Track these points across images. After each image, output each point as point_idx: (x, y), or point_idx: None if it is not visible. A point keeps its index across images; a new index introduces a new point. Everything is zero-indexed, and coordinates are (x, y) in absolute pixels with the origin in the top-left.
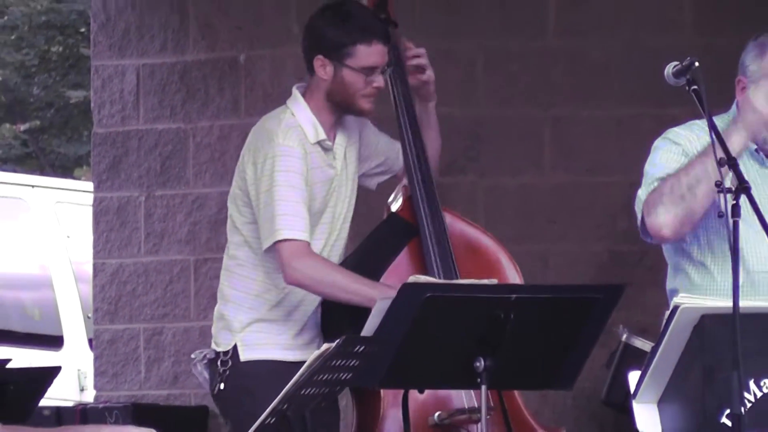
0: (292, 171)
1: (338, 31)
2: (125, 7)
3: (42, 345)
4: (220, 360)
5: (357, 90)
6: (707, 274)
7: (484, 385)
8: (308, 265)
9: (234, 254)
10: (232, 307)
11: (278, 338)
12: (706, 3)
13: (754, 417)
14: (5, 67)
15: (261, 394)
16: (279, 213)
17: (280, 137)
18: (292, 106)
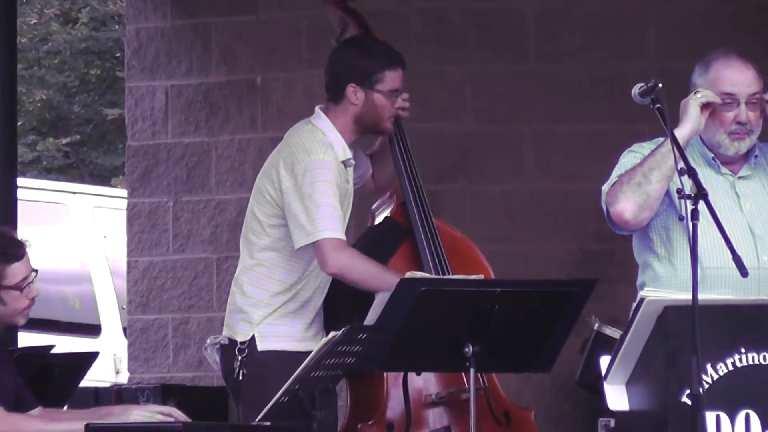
0: (330, 182)
1: (367, 61)
2: (155, 35)
3: (82, 333)
4: (238, 348)
5: (385, 112)
6: (671, 268)
7: (472, 368)
8: (348, 257)
9: (258, 256)
10: (253, 302)
11: (291, 331)
12: (666, 33)
13: (711, 397)
14: (49, 87)
15: (274, 381)
16: (321, 216)
17: (319, 153)
18: (320, 126)
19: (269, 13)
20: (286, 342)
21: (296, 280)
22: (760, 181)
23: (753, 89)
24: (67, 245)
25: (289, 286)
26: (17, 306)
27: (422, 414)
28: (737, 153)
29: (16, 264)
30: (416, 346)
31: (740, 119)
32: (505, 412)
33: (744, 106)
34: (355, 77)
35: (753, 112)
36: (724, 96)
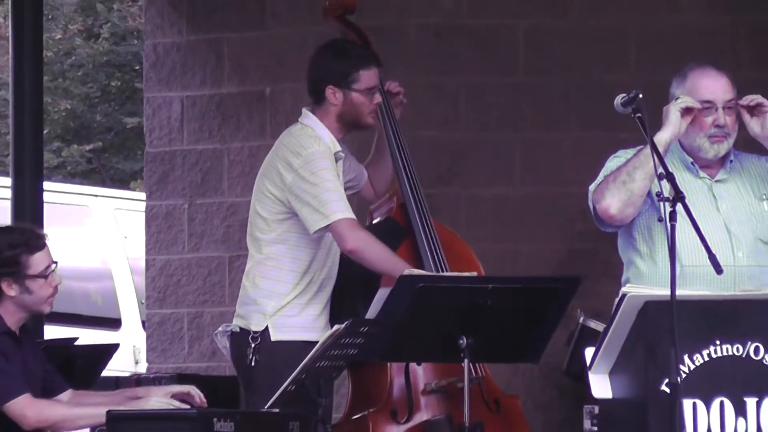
0: (329, 168)
1: (342, 64)
2: (171, 49)
3: (103, 326)
4: (251, 337)
5: (364, 108)
6: (653, 265)
7: (466, 358)
8: (365, 236)
9: (266, 251)
10: (266, 294)
11: (302, 321)
12: (645, 47)
13: (688, 385)
14: (73, 98)
15: (284, 369)
16: (330, 199)
17: (313, 146)
18: (309, 123)
19: (277, 29)
20: (298, 332)
21: (305, 268)
22: (735, 184)
23: (728, 96)
24: (89, 245)
25: (300, 276)
26: (42, 294)
27: (422, 401)
28: (716, 155)
29: (38, 254)
30: (414, 338)
31: (719, 123)
32: (496, 400)
33: (721, 111)
34: (332, 79)
35: (729, 116)
36: (702, 103)
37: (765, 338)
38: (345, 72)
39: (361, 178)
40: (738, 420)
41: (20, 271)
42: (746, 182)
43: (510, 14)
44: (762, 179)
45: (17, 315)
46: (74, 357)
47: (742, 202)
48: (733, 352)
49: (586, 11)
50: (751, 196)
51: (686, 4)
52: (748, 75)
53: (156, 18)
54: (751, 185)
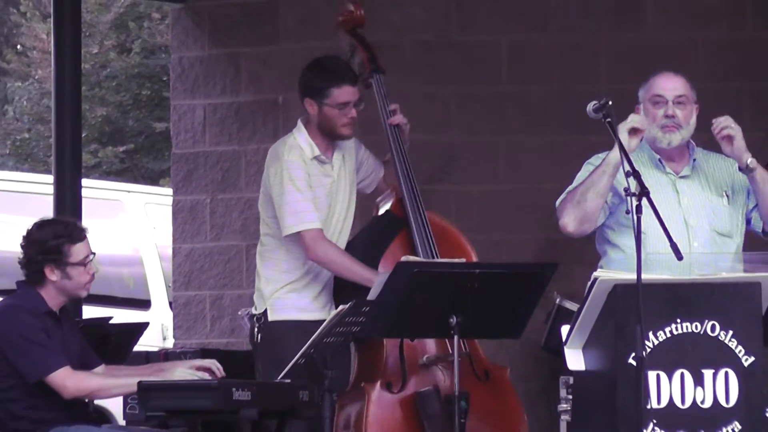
0: (297, 178)
1: (316, 80)
2: (195, 62)
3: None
4: (255, 318)
5: (336, 121)
6: (622, 254)
7: (456, 335)
8: (324, 249)
9: (264, 242)
10: (264, 280)
11: (298, 303)
12: (614, 61)
13: (652, 359)
14: (108, 105)
15: (283, 344)
16: (294, 210)
17: (285, 155)
18: (295, 133)
19: (288, 44)
20: (293, 312)
21: (301, 261)
22: (698, 180)
23: (679, 92)
24: (122, 235)
25: (293, 267)
26: (81, 280)
27: (416, 374)
28: (669, 144)
29: (79, 245)
30: (410, 318)
31: (668, 114)
32: (485, 371)
33: (671, 104)
34: (309, 93)
35: (680, 110)
36: (654, 97)
37: (720, 317)
38: (319, 87)
39: (379, 173)
40: (696, 389)
41: (62, 259)
42: (709, 179)
43: (494, 31)
44: (724, 177)
45: (58, 298)
46: (109, 334)
47: (703, 197)
48: (692, 330)
49: (562, 29)
50: (712, 192)
51: (650, 24)
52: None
53: (181, 35)
54: (714, 182)
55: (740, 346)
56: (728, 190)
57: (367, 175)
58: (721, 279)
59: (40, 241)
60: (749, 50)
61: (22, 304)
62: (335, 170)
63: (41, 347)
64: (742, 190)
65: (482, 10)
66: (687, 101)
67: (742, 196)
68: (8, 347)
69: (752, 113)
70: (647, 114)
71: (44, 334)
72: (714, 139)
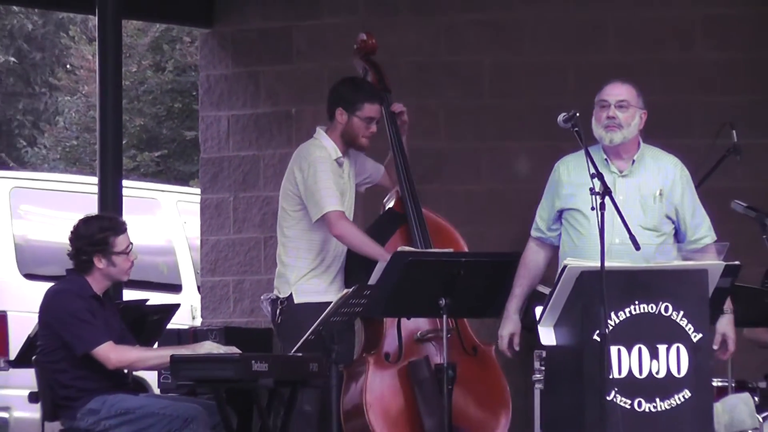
0: (325, 170)
1: (352, 94)
2: (220, 79)
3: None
4: (280, 300)
5: (360, 132)
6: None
7: (445, 315)
8: (347, 226)
9: (287, 234)
10: (289, 268)
11: (317, 288)
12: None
13: (613, 336)
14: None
15: (305, 324)
16: (324, 195)
17: (316, 153)
18: (319, 138)
19: (301, 64)
20: (314, 296)
21: (319, 250)
22: (636, 179)
23: (621, 97)
24: (157, 228)
25: (314, 255)
26: (124, 266)
27: (411, 347)
28: (611, 142)
29: (121, 236)
30: (405, 299)
31: (609, 115)
32: (474, 347)
33: (613, 107)
34: (342, 104)
35: (621, 113)
36: (600, 101)
37: (673, 299)
38: (354, 100)
39: (377, 174)
40: (652, 362)
41: (108, 249)
42: (647, 177)
43: (477, 53)
44: (661, 177)
45: (102, 283)
46: (146, 314)
47: (636, 195)
48: (648, 310)
49: (535, 51)
50: (646, 190)
51: (611, 46)
52: (659, 99)
53: (208, 55)
54: (650, 180)
55: (690, 324)
56: (663, 188)
57: (364, 178)
58: (674, 267)
59: (88, 235)
60: (697, 68)
61: (71, 288)
62: (346, 173)
63: (88, 325)
64: (674, 197)
65: (467, 35)
66: (629, 105)
67: (673, 203)
68: (59, 325)
69: (699, 122)
70: (595, 116)
71: (90, 314)
72: (667, 143)
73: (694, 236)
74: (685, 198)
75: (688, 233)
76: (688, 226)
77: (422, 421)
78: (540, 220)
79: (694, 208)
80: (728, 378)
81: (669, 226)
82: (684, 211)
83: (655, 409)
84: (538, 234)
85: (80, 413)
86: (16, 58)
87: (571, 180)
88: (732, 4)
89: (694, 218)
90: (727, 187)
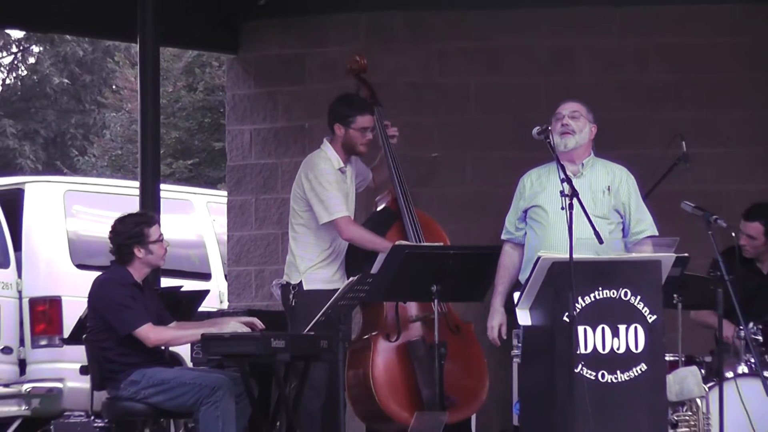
0: (331, 180)
1: (345, 109)
2: (244, 98)
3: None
4: (291, 286)
5: (358, 141)
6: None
7: (436, 299)
8: (355, 229)
9: (297, 230)
10: (299, 259)
11: (324, 277)
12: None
13: (580, 317)
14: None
15: (313, 308)
16: (332, 204)
17: (321, 165)
18: (325, 150)
19: (312, 85)
20: (321, 284)
21: (325, 245)
22: (587, 180)
23: (572, 109)
24: (190, 225)
25: (321, 249)
26: (159, 253)
27: (407, 328)
28: (566, 147)
29: (153, 227)
30: (402, 286)
31: (563, 122)
32: (457, 325)
33: (566, 117)
34: (338, 119)
35: (573, 121)
36: (556, 114)
37: (631, 286)
38: (347, 115)
39: (367, 176)
40: (614, 340)
41: (144, 239)
42: (596, 177)
43: (464, 75)
44: (607, 178)
45: (142, 271)
46: (180, 299)
47: (588, 191)
48: (610, 295)
49: (513, 73)
50: (596, 187)
51: (577, 69)
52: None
53: (234, 78)
54: (598, 180)
55: (646, 307)
56: (611, 185)
57: (360, 180)
58: (632, 258)
59: (125, 230)
60: (651, 87)
61: (114, 277)
62: (348, 179)
63: (129, 309)
64: (621, 194)
65: (455, 59)
66: (579, 116)
67: (620, 199)
68: (105, 309)
69: (653, 135)
70: (553, 127)
71: (131, 300)
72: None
73: (636, 229)
74: (631, 197)
75: (631, 226)
76: (632, 220)
77: (420, 391)
78: (508, 224)
79: (638, 206)
80: (679, 353)
81: (617, 216)
82: (629, 208)
83: (617, 380)
84: (508, 236)
85: (123, 384)
86: (69, 80)
87: (533, 185)
88: (681, 35)
89: (637, 213)
90: (678, 190)
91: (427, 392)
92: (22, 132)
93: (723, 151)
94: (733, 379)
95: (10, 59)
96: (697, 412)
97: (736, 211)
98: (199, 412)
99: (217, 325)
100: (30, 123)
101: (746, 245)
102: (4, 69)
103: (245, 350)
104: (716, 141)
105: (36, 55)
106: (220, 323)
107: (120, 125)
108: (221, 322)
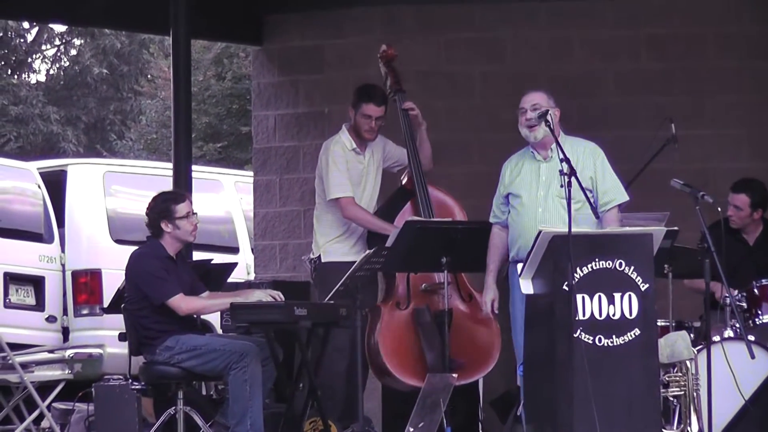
0: (337, 161)
1: (356, 97)
2: (268, 85)
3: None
4: (312, 260)
5: (362, 127)
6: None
7: (446, 270)
8: (353, 210)
9: (318, 207)
10: (319, 234)
11: (341, 250)
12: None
13: (579, 286)
14: (209, 115)
15: (331, 278)
16: (335, 183)
17: (332, 147)
18: (340, 133)
19: (331, 73)
20: (338, 257)
21: (342, 221)
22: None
23: (534, 102)
24: (220, 203)
25: (338, 225)
26: (187, 228)
27: (417, 297)
28: (535, 138)
29: (182, 204)
30: (415, 258)
31: (526, 117)
32: (470, 294)
33: (528, 110)
34: (352, 104)
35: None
36: (520, 110)
37: (625, 257)
38: (356, 102)
39: (404, 157)
40: (609, 307)
41: (171, 215)
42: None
43: (470, 63)
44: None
45: (174, 245)
46: (210, 270)
47: (555, 176)
48: (606, 266)
49: (515, 62)
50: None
51: (575, 58)
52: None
53: (259, 67)
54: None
55: (639, 276)
56: (577, 166)
57: (392, 162)
58: (626, 231)
59: (155, 206)
60: (643, 75)
61: (150, 251)
62: (366, 160)
63: (162, 281)
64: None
65: (462, 49)
66: (540, 107)
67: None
68: (141, 281)
69: (645, 118)
70: (519, 121)
71: (165, 272)
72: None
73: (603, 200)
74: (596, 171)
75: (599, 197)
76: (599, 192)
77: (424, 355)
78: (495, 208)
79: (604, 177)
80: (669, 319)
81: (581, 195)
82: (595, 182)
83: (612, 344)
84: (495, 219)
85: (158, 349)
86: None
87: (512, 172)
88: (670, 26)
89: (603, 185)
90: (667, 169)
91: (430, 356)
92: (65, 118)
93: (709, 133)
94: (719, 343)
95: (53, 51)
96: (687, 373)
97: (722, 188)
98: (228, 375)
99: (243, 295)
100: (72, 110)
101: (733, 216)
102: (48, 60)
103: (270, 318)
104: (703, 124)
105: (77, 47)
106: (247, 293)
107: (155, 111)
108: (248, 293)
